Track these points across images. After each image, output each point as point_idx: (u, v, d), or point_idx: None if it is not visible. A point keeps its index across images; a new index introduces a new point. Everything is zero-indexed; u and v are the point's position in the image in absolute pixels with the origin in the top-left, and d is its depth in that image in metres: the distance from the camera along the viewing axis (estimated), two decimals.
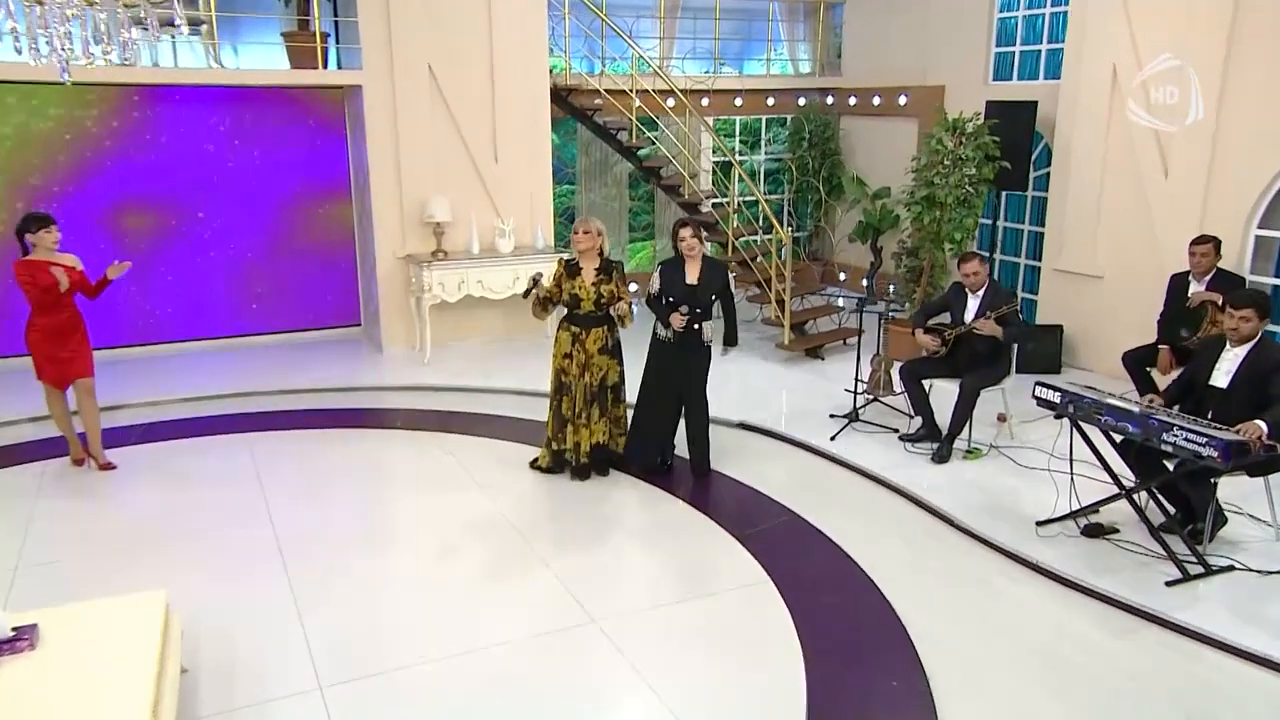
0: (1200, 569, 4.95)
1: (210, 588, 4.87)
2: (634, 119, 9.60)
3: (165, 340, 9.15)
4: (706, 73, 11.54)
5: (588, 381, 6.06)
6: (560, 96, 9.55)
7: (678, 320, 5.93)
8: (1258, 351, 5.09)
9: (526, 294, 6.04)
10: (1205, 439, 4.61)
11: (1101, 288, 8.39)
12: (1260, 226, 7.32)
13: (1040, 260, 9.27)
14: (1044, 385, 5.40)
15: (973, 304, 6.65)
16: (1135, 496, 5.23)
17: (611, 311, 6.04)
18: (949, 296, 6.86)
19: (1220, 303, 6.27)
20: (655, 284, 6.09)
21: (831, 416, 7.30)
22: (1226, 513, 5.45)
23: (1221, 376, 5.18)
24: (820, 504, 5.93)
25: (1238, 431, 4.67)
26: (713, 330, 6.11)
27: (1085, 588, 4.90)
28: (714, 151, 11.68)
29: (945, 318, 6.84)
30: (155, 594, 3.90)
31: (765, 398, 7.85)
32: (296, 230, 9.45)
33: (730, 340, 6.28)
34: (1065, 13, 8.90)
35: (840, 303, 10.31)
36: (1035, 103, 8.68)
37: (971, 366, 6.61)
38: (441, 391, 8.10)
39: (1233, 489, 5.68)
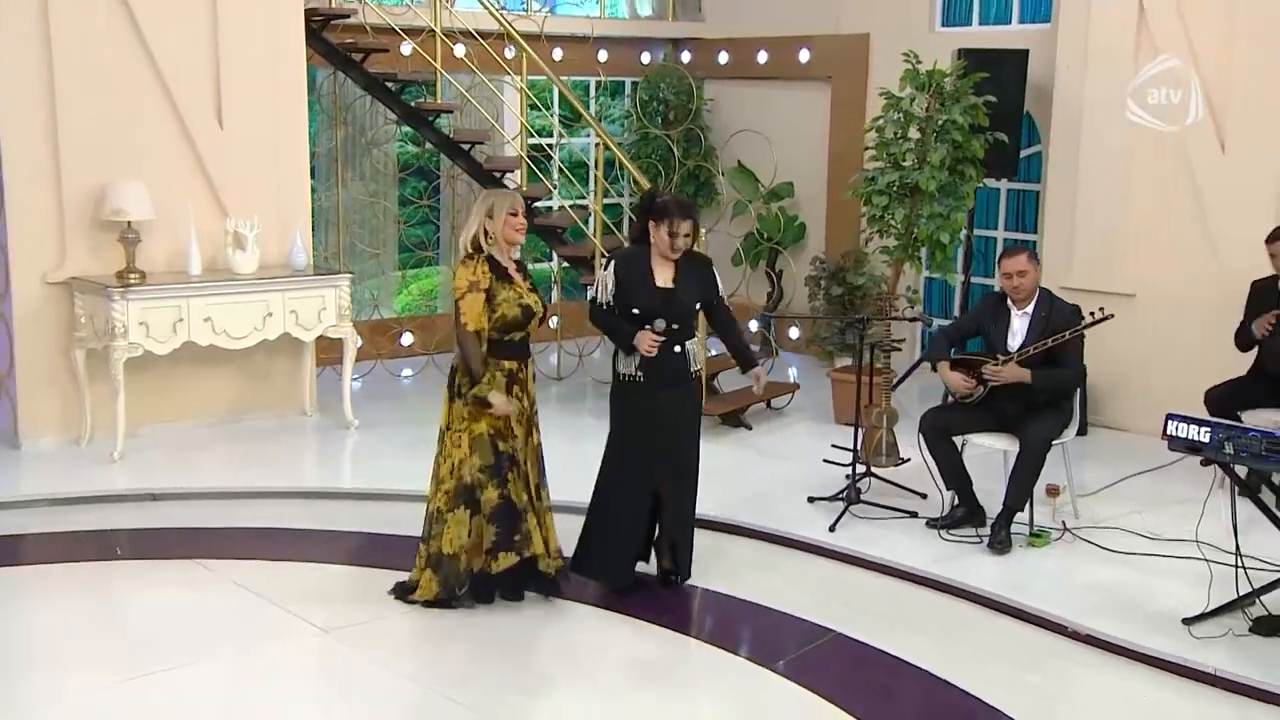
0: None
1: None
2: (439, 67, 9.77)
3: None
4: (503, 7, 11.86)
5: (536, 442, 6.19)
6: (311, 30, 9.57)
7: (648, 341, 6.11)
8: None
9: (474, 395, 5.94)
10: None
11: (1135, 311, 9.29)
12: None
13: None
14: (1179, 418, 5.98)
15: (1019, 324, 7.21)
16: None
17: None
18: (981, 313, 7.44)
19: None
20: (608, 287, 6.22)
21: (811, 500, 7.76)
22: None
23: None
24: (859, 615, 6.32)
25: None
26: (698, 357, 6.35)
27: None
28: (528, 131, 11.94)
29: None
30: None
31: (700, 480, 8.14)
32: None
33: (747, 361, 6.59)
34: None
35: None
36: (1027, 52, 9.70)
37: (1026, 413, 7.14)
38: (165, 501, 7.92)
39: None
